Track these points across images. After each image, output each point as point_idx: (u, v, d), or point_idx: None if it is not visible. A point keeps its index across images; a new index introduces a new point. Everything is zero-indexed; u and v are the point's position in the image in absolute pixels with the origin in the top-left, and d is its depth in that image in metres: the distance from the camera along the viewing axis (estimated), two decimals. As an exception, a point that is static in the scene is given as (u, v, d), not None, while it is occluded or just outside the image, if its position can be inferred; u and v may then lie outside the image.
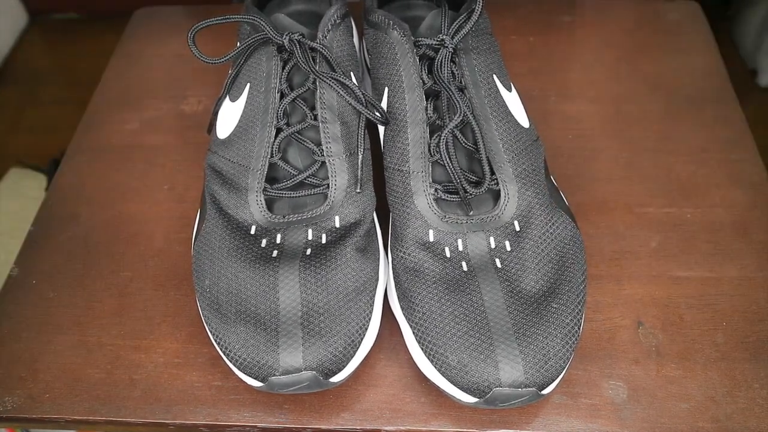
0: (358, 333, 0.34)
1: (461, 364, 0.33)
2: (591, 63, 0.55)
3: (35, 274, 0.44)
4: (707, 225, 0.44)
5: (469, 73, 0.40)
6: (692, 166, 0.47)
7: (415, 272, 0.36)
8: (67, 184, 0.49)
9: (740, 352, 0.38)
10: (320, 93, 0.39)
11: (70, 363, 0.39)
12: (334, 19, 0.41)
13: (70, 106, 1.35)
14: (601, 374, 0.37)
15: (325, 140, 0.38)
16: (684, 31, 0.57)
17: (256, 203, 0.38)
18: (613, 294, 0.41)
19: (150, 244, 0.45)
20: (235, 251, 0.37)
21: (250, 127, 0.40)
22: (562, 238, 0.37)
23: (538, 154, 0.40)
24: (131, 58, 0.59)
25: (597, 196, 0.46)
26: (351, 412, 0.37)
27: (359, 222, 0.38)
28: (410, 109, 0.39)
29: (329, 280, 0.35)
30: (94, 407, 0.37)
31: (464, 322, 0.34)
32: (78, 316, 0.41)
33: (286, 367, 0.33)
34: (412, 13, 0.49)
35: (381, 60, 0.41)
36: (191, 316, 0.41)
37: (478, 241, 0.36)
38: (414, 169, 0.38)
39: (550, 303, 0.35)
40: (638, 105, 0.51)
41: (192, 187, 0.48)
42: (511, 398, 0.32)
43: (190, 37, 0.40)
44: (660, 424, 0.35)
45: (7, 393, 0.38)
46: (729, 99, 0.51)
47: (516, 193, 0.37)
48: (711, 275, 0.41)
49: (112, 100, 0.55)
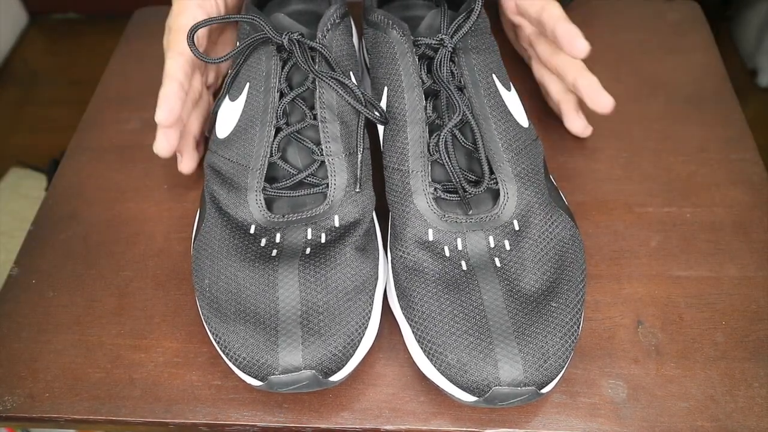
0: (358, 332, 0.34)
1: (460, 363, 0.33)
2: (591, 63, 0.55)
3: (35, 274, 0.44)
4: (707, 224, 0.44)
5: (468, 72, 0.40)
6: (692, 166, 0.47)
7: (415, 271, 0.36)
8: (67, 184, 0.49)
9: (740, 351, 0.38)
10: (320, 92, 0.39)
11: (70, 362, 0.39)
12: (334, 19, 0.41)
13: (70, 106, 1.35)
14: (601, 373, 0.37)
15: (325, 140, 0.39)
16: (684, 31, 0.57)
17: (255, 202, 0.38)
18: (613, 293, 0.41)
19: (150, 243, 0.45)
20: (235, 250, 0.37)
21: (250, 126, 0.40)
22: (562, 237, 0.37)
23: (538, 153, 0.40)
24: (131, 58, 0.59)
25: (597, 196, 0.46)
26: (350, 411, 0.37)
27: (359, 221, 0.38)
28: (409, 108, 0.39)
29: (329, 279, 0.35)
30: (94, 406, 0.37)
31: (463, 321, 0.34)
32: (78, 315, 0.41)
33: (286, 366, 0.33)
34: (411, 13, 0.49)
35: (380, 59, 0.41)
36: (191, 315, 0.41)
37: (477, 241, 0.36)
38: (413, 169, 0.38)
39: (550, 302, 0.35)
40: (638, 105, 0.52)
41: (192, 187, 0.48)
42: (511, 397, 0.32)
43: (189, 37, 0.40)
44: (659, 423, 0.35)
45: (7, 392, 0.38)
46: (729, 99, 0.51)
47: (515, 193, 0.37)
48: (711, 275, 0.41)
49: (112, 100, 0.55)
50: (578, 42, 0.42)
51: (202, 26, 0.40)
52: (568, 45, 0.42)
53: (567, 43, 0.43)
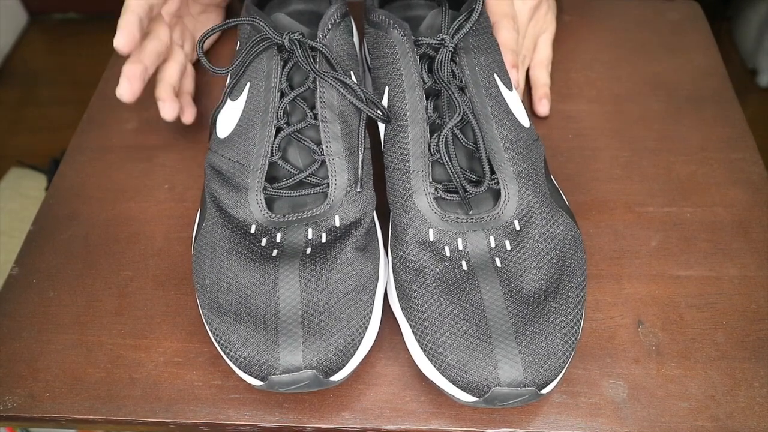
0: (358, 332, 0.34)
1: (460, 363, 0.33)
2: (591, 62, 0.55)
3: (35, 274, 0.44)
4: (707, 224, 0.44)
5: (469, 72, 0.40)
6: (692, 166, 0.47)
7: (415, 271, 0.36)
8: (67, 184, 0.49)
9: (740, 351, 0.38)
10: (320, 92, 0.39)
11: (71, 362, 0.39)
12: (334, 19, 0.41)
13: (70, 106, 1.35)
14: (601, 373, 0.37)
15: (325, 139, 0.39)
16: (684, 31, 0.57)
17: (256, 202, 0.38)
18: (613, 293, 0.41)
19: (150, 243, 0.45)
20: (235, 250, 0.37)
21: (250, 126, 0.40)
22: (562, 237, 0.37)
23: (539, 153, 0.40)
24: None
25: (597, 196, 0.46)
26: (351, 411, 0.37)
27: (359, 221, 0.38)
28: (410, 108, 0.39)
29: (329, 279, 0.35)
30: (94, 406, 0.37)
31: (464, 321, 0.34)
32: (78, 315, 0.41)
33: (287, 366, 0.33)
34: (412, 13, 0.49)
35: (381, 59, 0.41)
36: (191, 315, 0.41)
37: (478, 241, 0.36)
38: (414, 169, 0.38)
39: (550, 302, 0.35)
40: (638, 104, 0.52)
41: (192, 187, 0.48)
42: (510, 397, 0.32)
43: (199, 47, 0.40)
44: (660, 423, 0.35)
45: (7, 392, 0.38)
46: (729, 99, 0.51)
47: (516, 193, 0.37)
48: (711, 274, 0.41)
49: (112, 100, 0.55)
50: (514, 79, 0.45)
51: (209, 36, 0.41)
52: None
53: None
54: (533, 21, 0.51)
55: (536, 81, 0.51)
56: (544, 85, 0.51)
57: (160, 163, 0.50)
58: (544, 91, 0.51)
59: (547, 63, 0.52)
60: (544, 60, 0.52)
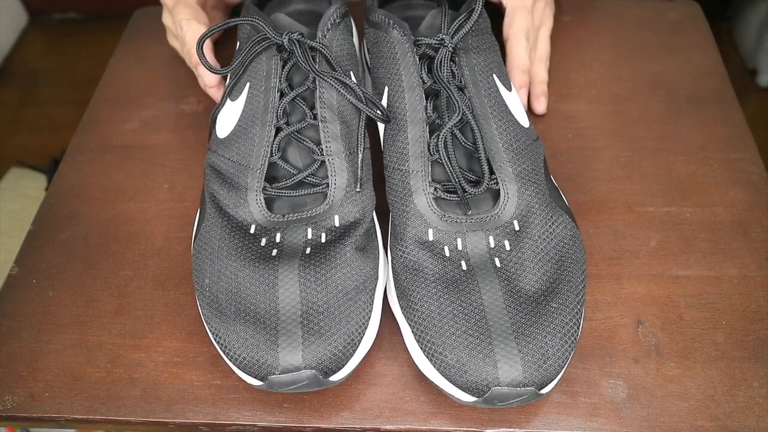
0: (358, 332, 0.34)
1: (460, 363, 0.33)
2: (591, 62, 0.55)
3: (35, 274, 0.44)
4: (707, 224, 0.44)
5: (468, 72, 0.40)
6: (692, 166, 0.47)
7: (415, 271, 0.36)
8: (67, 184, 0.49)
9: (740, 350, 0.38)
10: (320, 92, 0.39)
11: (70, 362, 0.39)
12: (334, 19, 0.41)
13: (70, 106, 1.35)
14: (601, 373, 0.37)
15: (325, 139, 0.39)
16: (684, 31, 0.57)
17: (255, 202, 0.38)
18: (613, 293, 0.41)
19: (150, 243, 0.45)
20: (235, 250, 0.37)
21: (250, 126, 0.40)
22: (562, 237, 0.37)
23: (538, 153, 0.40)
24: (131, 58, 0.59)
25: (597, 196, 0.46)
26: (350, 411, 0.37)
27: (359, 221, 0.38)
28: (410, 108, 0.39)
29: (329, 279, 0.35)
30: (94, 406, 0.37)
31: (463, 321, 0.34)
32: (78, 315, 0.41)
33: (286, 366, 0.33)
34: (412, 13, 0.49)
35: (381, 59, 0.41)
36: (191, 315, 0.41)
37: (477, 241, 0.36)
38: (413, 169, 0.38)
39: (550, 302, 0.35)
40: (638, 104, 0.52)
41: (192, 187, 0.48)
42: (510, 397, 0.32)
43: (199, 48, 0.40)
44: (660, 423, 0.35)
45: (7, 392, 0.38)
46: (729, 99, 0.51)
47: (515, 193, 0.37)
48: (710, 274, 0.41)
49: (112, 100, 0.55)
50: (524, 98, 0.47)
51: (208, 37, 0.41)
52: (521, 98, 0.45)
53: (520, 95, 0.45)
54: (533, 13, 0.51)
55: (534, 78, 0.51)
56: (541, 82, 0.50)
57: (160, 163, 0.50)
58: (541, 88, 0.50)
59: (545, 59, 0.52)
60: (543, 56, 0.51)
